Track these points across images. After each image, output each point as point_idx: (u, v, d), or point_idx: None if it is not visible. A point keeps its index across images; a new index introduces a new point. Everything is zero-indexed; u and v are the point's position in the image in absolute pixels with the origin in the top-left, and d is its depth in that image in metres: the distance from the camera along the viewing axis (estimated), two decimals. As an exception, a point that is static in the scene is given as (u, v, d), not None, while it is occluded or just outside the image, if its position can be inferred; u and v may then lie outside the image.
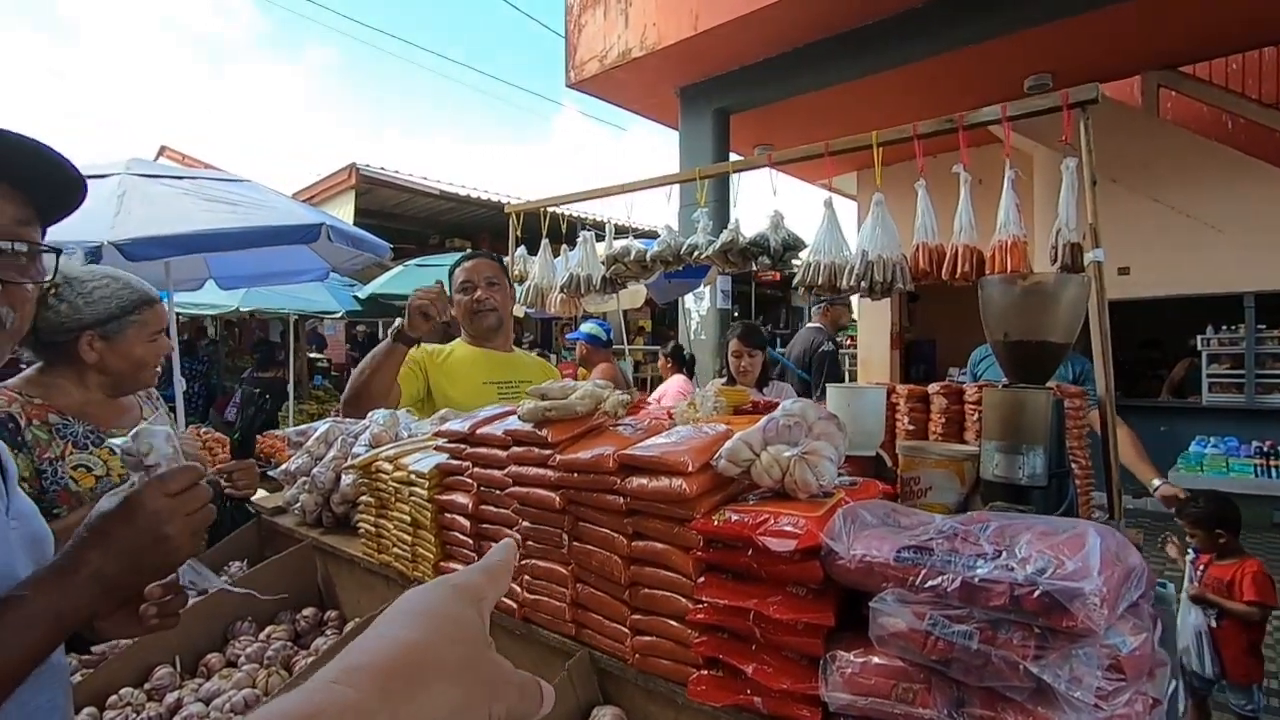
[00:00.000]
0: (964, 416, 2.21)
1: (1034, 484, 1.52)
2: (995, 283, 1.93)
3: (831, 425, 0.88)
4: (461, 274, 2.16)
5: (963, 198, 2.26)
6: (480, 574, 0.41)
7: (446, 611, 0.37)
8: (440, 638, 0.35)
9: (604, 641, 0.95)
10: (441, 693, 0.34)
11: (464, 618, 0.37)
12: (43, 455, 1.39)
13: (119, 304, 1.49)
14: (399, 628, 0.36)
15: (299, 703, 0.31)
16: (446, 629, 0.36)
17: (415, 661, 0.34)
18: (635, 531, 0.91)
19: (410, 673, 0.34)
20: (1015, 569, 0.62)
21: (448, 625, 0.36)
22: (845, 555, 0.72)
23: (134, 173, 3.78)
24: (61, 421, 1.46)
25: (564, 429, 1.00)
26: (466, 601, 0.38)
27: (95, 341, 1.47)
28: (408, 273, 8.04)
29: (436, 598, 0.38)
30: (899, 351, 9.71)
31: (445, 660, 0.35)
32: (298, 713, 0.31)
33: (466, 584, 0.40)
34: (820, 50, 5.87)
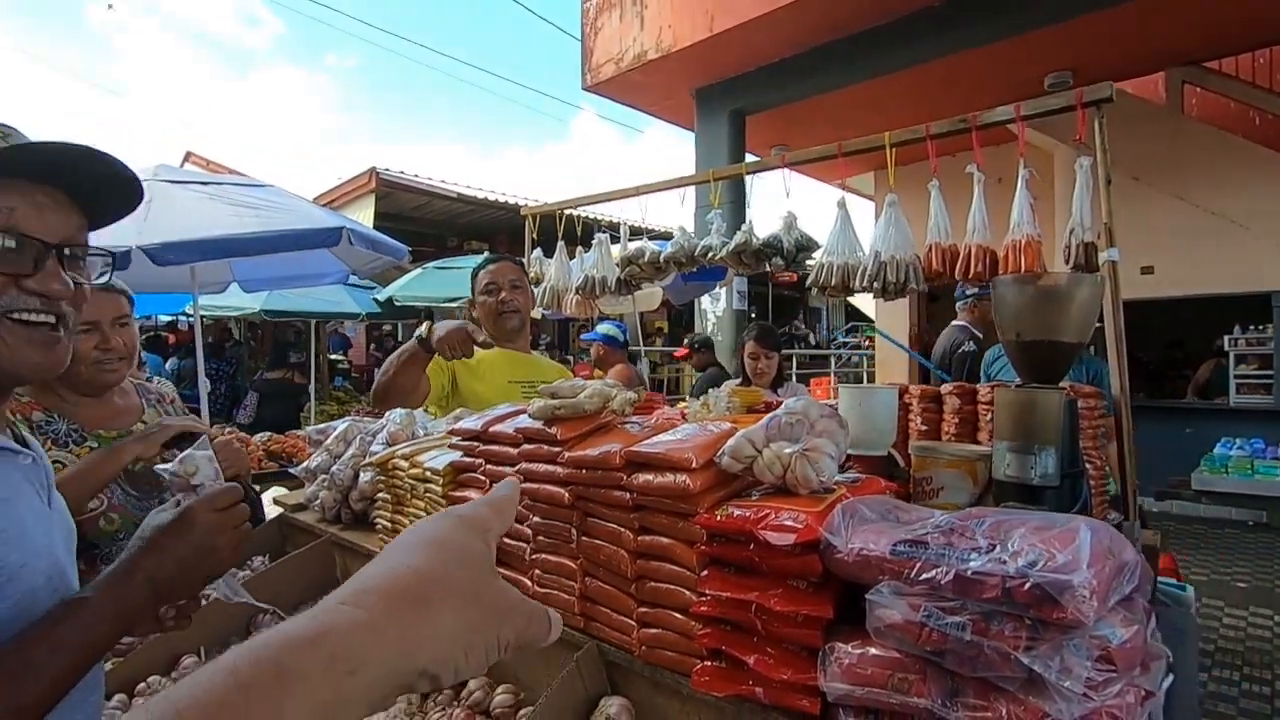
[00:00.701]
0: (977, 417, 2.20)
1: (1046, 484, 1.52)
2: (1008, 283, 1.93)
3: (833, 423, 0.90)
4: (486, 276, 2.21)
5: (976, 197, 2.25)
6: (485, 507, 0.42)
7: (453, 540, 0.38)
8: (447, 565, 0.36)
9: (611, 634, 0.98)
10: (449, 615, 0.35)
11: (470, 546, 0.38)
12: None
13: None
14: (407, 555, 0.37)
15: (308, 624, 0.32)
16: (453, 557, 0.37)
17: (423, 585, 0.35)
18: (641, 526, 0.93)
19: (418, 595, 0.34)
20: (1007, 562, 0.64)
21: (454, 553, 0.37)
22: (843, 549, 0.74)
23: (161, 179, 3.88)
24: (45, 419, 1.46)
25: (573, 427, 1.03)
26: (472, 532, 0.39)
27: None
28: (426, 275, 8.13)
29: (443, 527, 0.39)
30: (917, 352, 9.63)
31: (453, 585, 0.36)
32: (308, 633, 0.31)
33: (472, 515, 0.41)
34: (836, 50, 5.86)
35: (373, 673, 0.32)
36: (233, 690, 0.28)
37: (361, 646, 0.32)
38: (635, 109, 7.50)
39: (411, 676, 0.34)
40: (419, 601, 0.34)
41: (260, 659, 0.30)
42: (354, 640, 0.32)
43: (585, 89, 7.03)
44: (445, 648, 0.35)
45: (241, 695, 0.28)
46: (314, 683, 0.30)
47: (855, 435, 1.64)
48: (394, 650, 0.33)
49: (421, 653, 0.34)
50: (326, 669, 0.31)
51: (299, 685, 0.30)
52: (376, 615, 0.33)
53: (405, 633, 0.33)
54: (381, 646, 0.33)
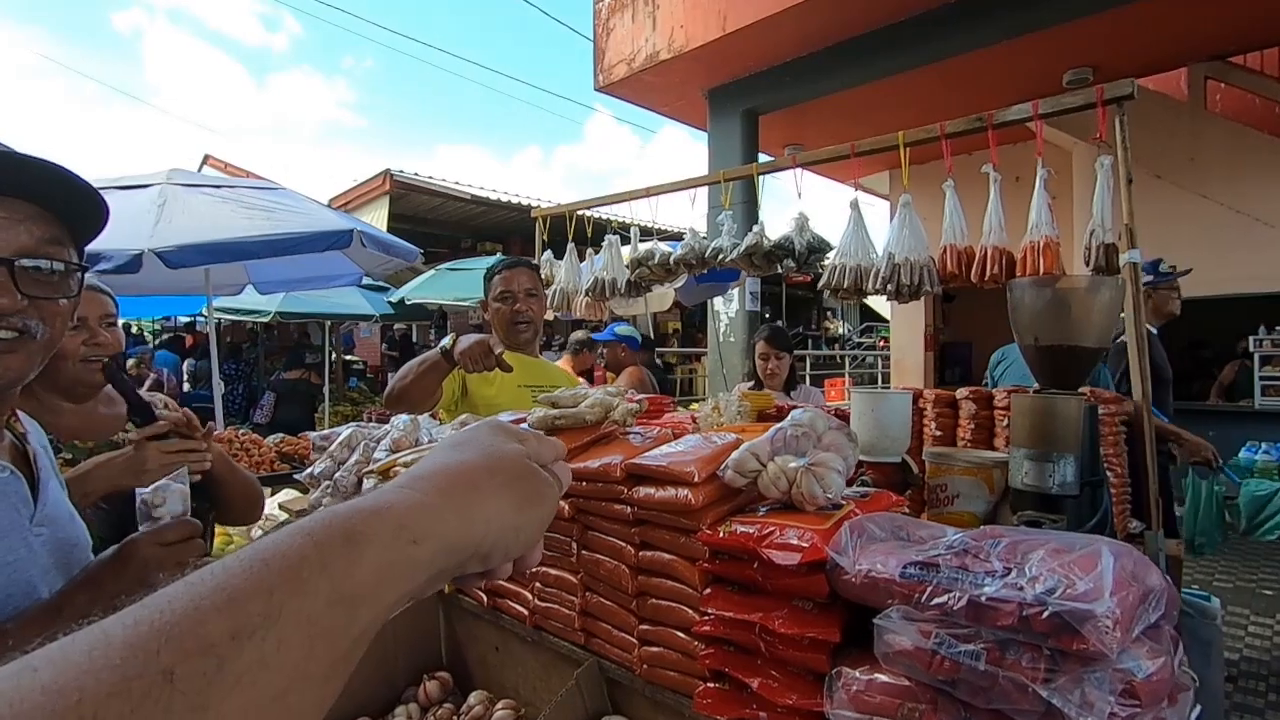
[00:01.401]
0: (994, 422, 2.15)
1: (1065, 493, 1.47)
2: (1025, 285, 1.88)
3: (841, 436, 0.86)
4: (500, 283, 2.15)
5: (992, 198, 2.20)
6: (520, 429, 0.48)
7: (493, 440, 0.43)
8: (490, 458, 0.41)
9: (612, 651, 0.95)
10: (497, 499, 0.40)
11: (508, 446, 0.43)
12: None
13: None
14: (455, 452, 0.42)
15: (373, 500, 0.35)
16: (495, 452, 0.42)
17: (473, 473, 0.40)
18: (643, 541, 0.90)
19: (469, 481, 0.39)
20: (1024, 588, 0.60)
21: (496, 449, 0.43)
22: (850, 570, 0.70)
23: (174, 182, 3.90)
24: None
25: (573, 437, 1.00)
26: (509, 435, 0.45)
27: None
28: (439, 277, 8.15)
29: (483, 431, 0.45)
30: (933, 354, 9.52)
31: (498, 474, 0.41)
32: (374, 505, 0.34)
33: (506, 424, 0.47)
34: (851, 48, 5.79)
35: (434, 545, 0.35)
36: (309, 547, 0.31)
37: (422, 521, 0.35)
38: (648, 109, 7.46)
39: (467, 553, 0.38)
40: (470, 487, 0.39)
41: (331, 524, 0.32)
42: (416, 515, 0.35)
43: (597, 90, 7.00)
44: (495, 528, 0.39)
45: (316, 552, 0.31)
46: (381, 545, 0.33)
47: (868, 441, 1.60)
48: (452, 527, 0.37)
49: (475, 530, 0.38)
50: (394, 535, 0.34)
51: (368, 547, 0.32)
52: (434, 497, 0.37)
53: (461, 513, 0.37)
54: (440, 523, 0.36)
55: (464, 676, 1.21)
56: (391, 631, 1.17)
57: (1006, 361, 3.50)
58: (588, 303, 3.39)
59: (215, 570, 0.30)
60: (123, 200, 3.73)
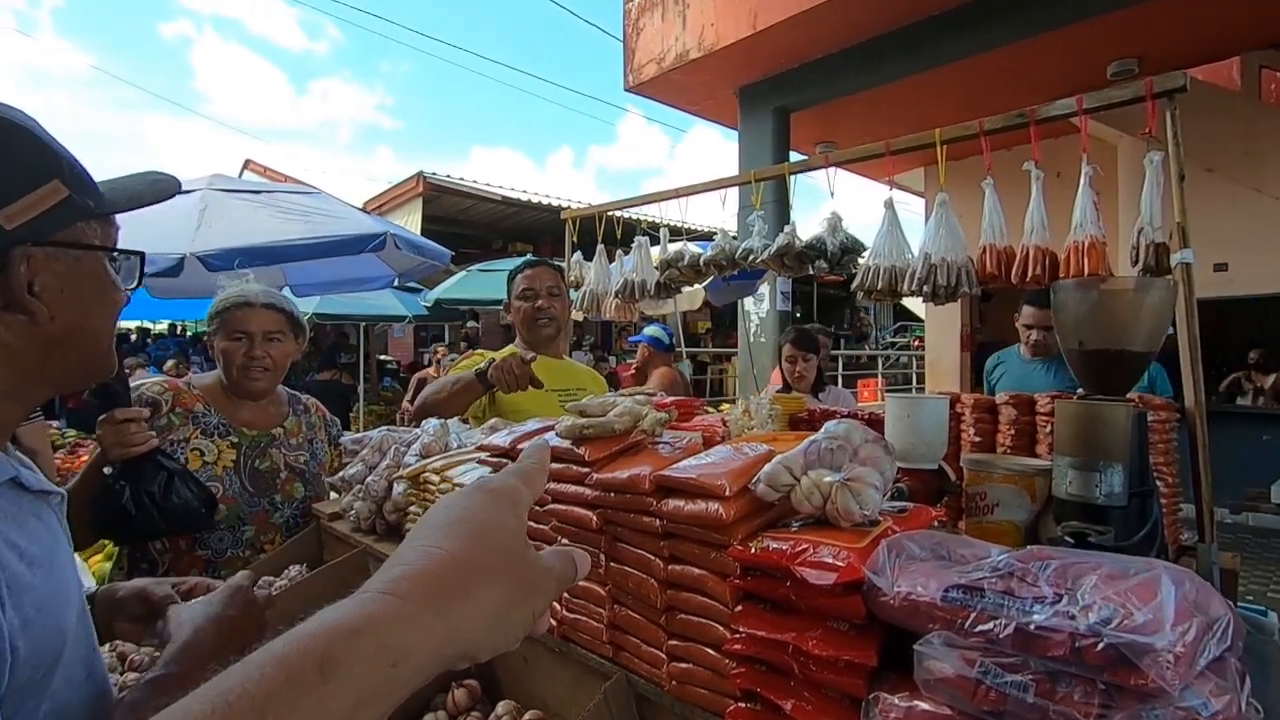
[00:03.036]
0: (1035, 428, 2.07)
1: (1112, 504, 1.41)
2: (1069, 287, 1.81)
3: (878, 449, 0.83)
4: (523, 281, 2.19)
5: (1034, 196, 2.13)
6: (515, 477, 0.43)
7: (485, 520, 0.39)
8: (481, 546, 0.37)
9: (641, 665, 0.93)
10: (487, 601, 0.36)
11: (503, 524, 0.39)
12: (170, 437, 1.61)
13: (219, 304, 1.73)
14: (440, 539, 0.38)
15: (354, 614, 0.33)
16: (487, 537, 0.38)
17: (461, 572, 0.36)
18: (671, 555, 0.88)
19: (456, 582, 0.36)
20: (1077, 617, 0.57)
21: (488, 533, 0.38)
22: (889, 591, 0.67)
23: (215, 188, 4.00)
24: (203, 409, 1.69)
25: (601, 447, 0.98)
26: (503, 506, 0.40)
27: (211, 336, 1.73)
28: (470, 278, 8.24)
29: (475, 505, 0.40)
30: (969, 354, 9.31)
31: (489, 569, 0.37)
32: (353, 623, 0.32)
33: (502, 488, 0.42)
34: (885, 43, 5.68)
35: (415, 662, 0.33)
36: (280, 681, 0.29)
37: (404, 638, 0.33)
38: (678, 109, 7.43)
39: (451, 660, 0.36)
40: (458, 589, 0.35)
41: (308, 650, 0.31)
42: (397, 632, 0.33)
43: (627, 90, 7.00)
44: (483, 632, 0.37)
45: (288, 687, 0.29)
46: (360, 670, 0.31)
47: (904, 448, 1.56)
48: (436, 640, 0.34)
49: (460, 638, 0.35)
50: (373, 659, 0.32)
51: (345, 675, 0.31)
52: (418, 606, 0.34)
53: (446, 622, 0.35)
54: (424, 638, 0.34)
55: (492, 685, 1.20)
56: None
57: (1004, 366, 3.40)
58: (617, 304, 3.38)
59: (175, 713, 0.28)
60: (167, 205, 3.83)
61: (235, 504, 1.65)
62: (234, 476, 1.67)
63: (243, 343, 1.70)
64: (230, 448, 1.70)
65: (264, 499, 1.70)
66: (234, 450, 1.70)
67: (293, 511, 1.75)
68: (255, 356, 1.71)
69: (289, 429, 1.82)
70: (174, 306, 6.24)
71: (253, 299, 1.74)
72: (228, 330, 1.70)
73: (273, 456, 1.75)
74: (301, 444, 1.83)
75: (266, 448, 1.75)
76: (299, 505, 1.76)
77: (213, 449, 1.67)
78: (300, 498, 1.77)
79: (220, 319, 1.71)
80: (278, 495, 1.72)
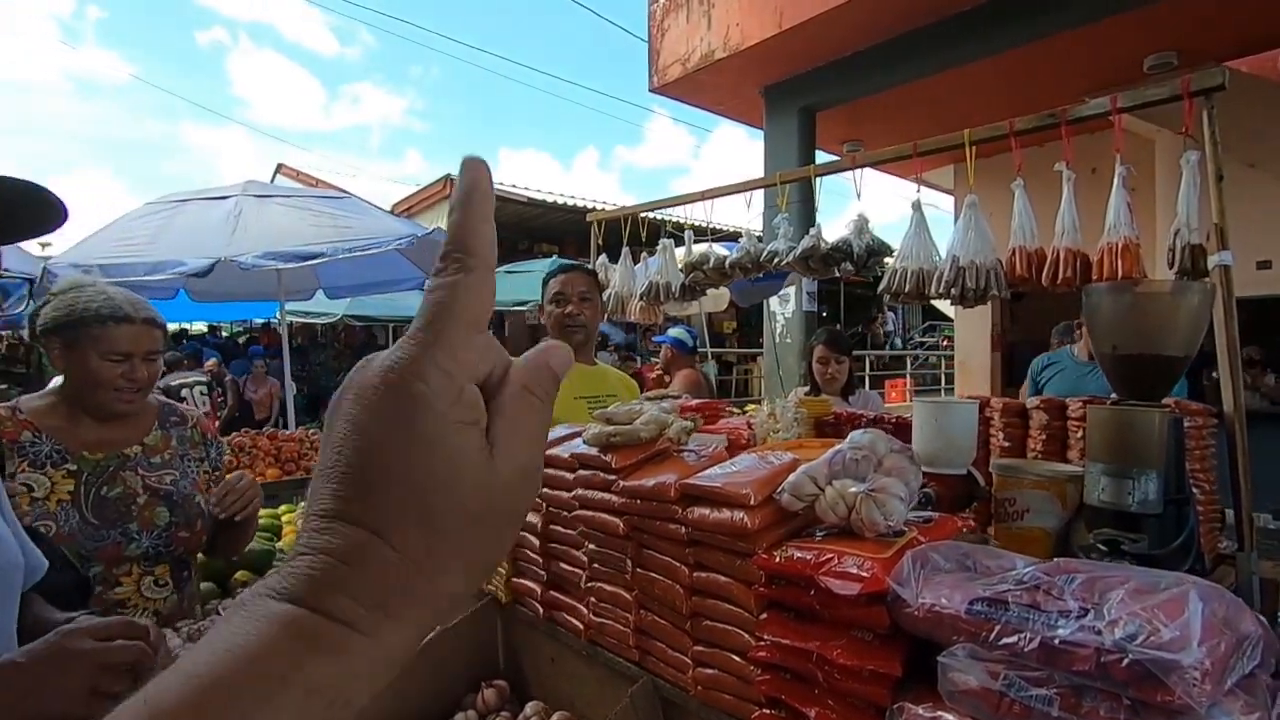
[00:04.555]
0: (1067, 433, 2.04)
1: (1146, 511, 1.39)
2: (1102, 291, 1.78)
3: (903, 459, 0.84)
4: (556, 285, 2.19)
5: (1065, 197, 2.09)
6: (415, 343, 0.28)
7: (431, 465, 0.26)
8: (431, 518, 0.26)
9: (667, 670, 0.95)
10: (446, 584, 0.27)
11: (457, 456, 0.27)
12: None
13: (73, 314, 1.44)
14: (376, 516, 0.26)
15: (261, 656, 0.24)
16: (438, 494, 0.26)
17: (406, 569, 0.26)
18: (697, 562, 0.90)
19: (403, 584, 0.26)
20: (1102, 632, 0.57)
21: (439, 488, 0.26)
22: (913, 603, 0.68)
23: (249, 194, 4.11)
24: (32, 438, 1.44)
25: (628, 454, 1.00)
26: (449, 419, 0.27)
27: (60, 349, 1.45)
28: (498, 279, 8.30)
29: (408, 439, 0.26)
30: (1000, 355, 9.14)
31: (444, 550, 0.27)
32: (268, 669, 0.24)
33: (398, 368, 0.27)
34: (913, 40, 5.61)
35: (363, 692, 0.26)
36: None
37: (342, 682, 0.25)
38: (702, 109, 7.42)
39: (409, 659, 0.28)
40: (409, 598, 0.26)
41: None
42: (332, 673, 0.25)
43: (652, 91, 7.00)
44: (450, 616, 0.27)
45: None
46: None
47: (932, 452, 1.55)
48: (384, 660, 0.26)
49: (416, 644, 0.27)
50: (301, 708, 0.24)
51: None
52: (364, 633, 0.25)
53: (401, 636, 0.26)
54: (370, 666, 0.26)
55: (521, 685, 1.23)
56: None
57: (1054, 367, 3.32)
58: (642, 306, 3.40)
59: None
60: (204, 211, 3.95)
61: (73, 541, 1.39)
62: (70, 511, 1.42)
63: (120, 364, 1.46)
64: (67, 477, 1.45)
65: (114, 530, 1.45)
66: (71, 479, 1.45)
67: (154, 541, 1.49)
68: (136, 379, 1.48)
69: (151, 445, 1.57)
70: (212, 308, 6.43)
71: (131, 313, 1.47)
72: (99, 348, 1.44)
73: (126, 480, 1.50)
74: (168, 461, 1.57)
75: (117, 471, 1.49)
76: (162, 534, 1.49)
77: (44, 482, 1.42)
78: (164, 524, 1.50)
79: (80, 331, 1.43)
80: (132, 524, 1.46)
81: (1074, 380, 3.12)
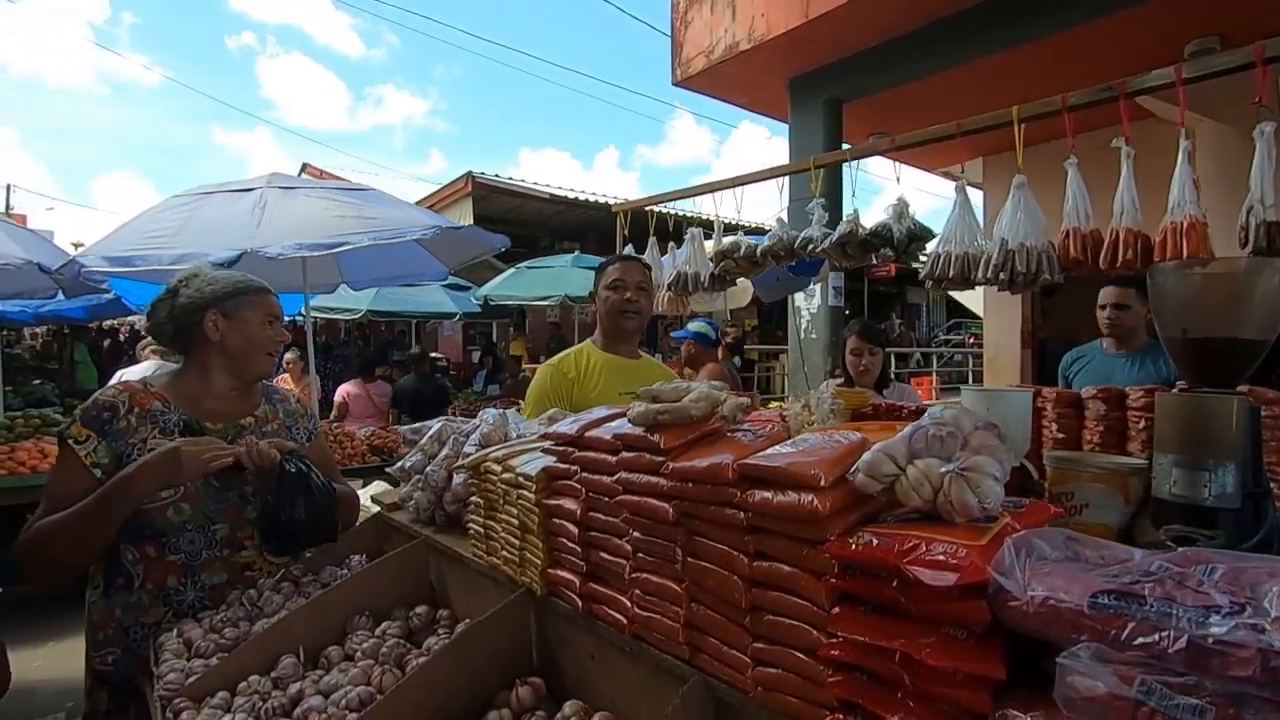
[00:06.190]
0: (1126, 424, 1.93)
1: (1223, 505, 1.29)
2: (1170, 271, 1.68)
3: (991, 437, 0.75)
4: (614, 272, 2.20)
5: (1124, 174, 1.98)
6: None
7: None
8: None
9: (721, 668, 0.87)
10: None
11: None
12: (129, 440, 1.55)
13: (237, 286, 1.68)
14: None
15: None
16: None
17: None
18: (757, 551, 0.82)
19: None
20: (1268, 630, 0.48)
21: None
22: (1022, 596, 0.59)
23: (274, 186, 4.09)
24: (161, 408, 1.60)
25: (677, 434, 0.92)
26: None
27: (218, 319, 1.64)
28: (519, 275, 8.29)
29: None
30: (1031, 351, 8.91)
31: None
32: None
33: None
34: (943, 28, 5.46)
35: None
36: None
37: None
38: (726, 102, 7.32)
39: None
40: None
41: None
42: None
43: (675, 84, 6.92)
44: None
45: None
46: None
47: (987, 444, 1.45)
48: None
49: None
50: None
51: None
52: None
53: None
54: None
55: (557, 683, 1.15)
56: (485, 631, 1.13)
57: (1084, 360, 3.21)
58: (670, 297, 3.32)
59: None
60: (229, 204, 3.94)
61: (200, 501, 1.56)
62: None
63: (273, 328, 1.70)
64: None
65: (232, 491, 1.61)
66: None
67: None
68: (283, 339, 1.74)
69: (261, 417, 1.74)
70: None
71: (264, 284, 1.73)
72: (257, 314, 1.67)
73: None
74: (277, 431, 1.74)
75: (234, 440, 1.64)
76: None
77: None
78: None
79: (241, 299, 1.66)
80: (248, 487, 1.62)
81: (1101, 371, 3.01)
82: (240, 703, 1.17)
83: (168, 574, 1.54)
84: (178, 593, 1.55)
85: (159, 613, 1.53)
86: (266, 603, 1.47)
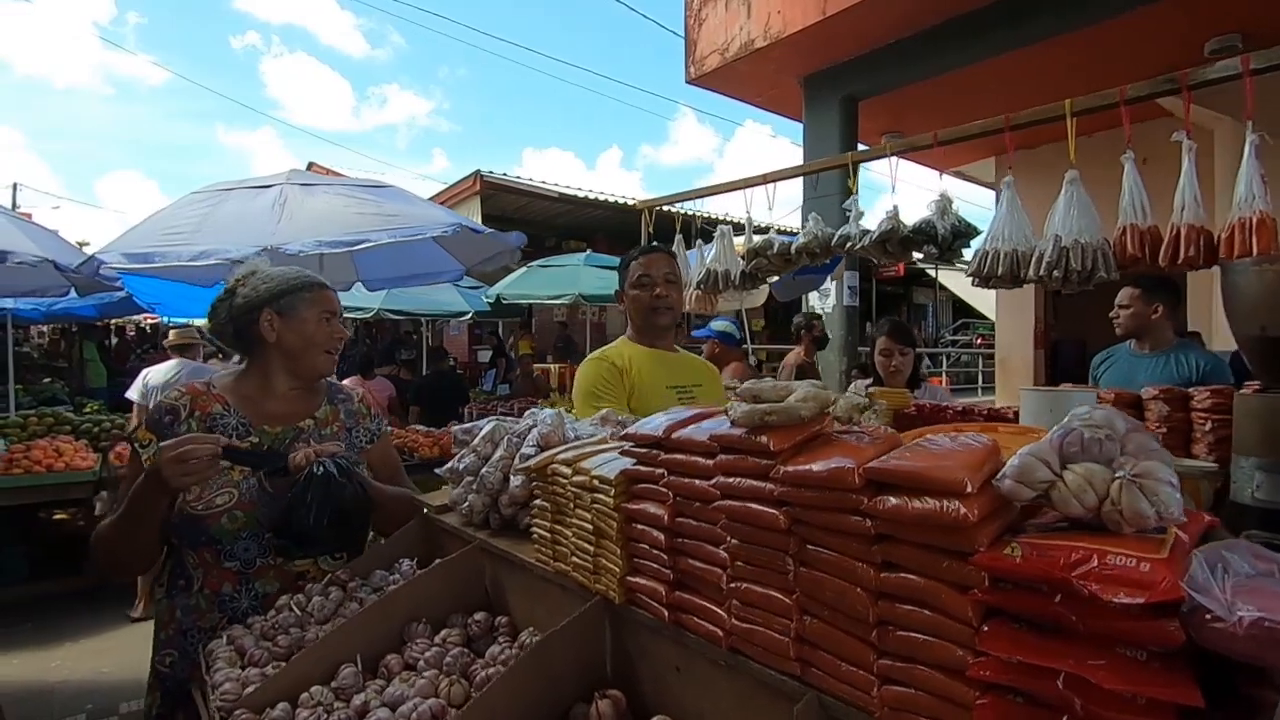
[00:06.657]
0: (1191, 426, 1.88)
1: (1313, 511, 1.24)
2: (1244, 268, 1.63)
3: (1149, 439, 0.70)
4: (639, 268, 2.08)
5: (1185, 170, 1.93)
6: None
7: None
8: None
9: (839, 686, 0.82)
10: None
11: None
12: None
13: (291, 283, 1.64)
14: None
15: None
16: None
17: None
18: (885, 561, 0.76)
19: None
20: None
21: None
22: (1227, 617, 0.54)
23: (293, 182, 4.04)
24: (221, 411, 1.58)
25: (785, 436, 0.87)
26: None
27: (273, 318, 1.60)
28: (530, 274, 8.25)
29: None
30: (1043, 351, 8.87)
31: None
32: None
33: None
34: (962, 25, 5.41)
35: None
36: None
37: None
38: (739, 100, 7.28)
39: None
40: None
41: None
42: None
43: (689, 82, 6.87)
44: None
45: None
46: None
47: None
48: None
49: None
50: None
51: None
52: None
53: None
54: None
55: (634, 696, 1.10)
56: (561, 641, 1.08)
57: (1112, 360, 3.18)
58: (698, 295, 3.27)
59: None
60: (248, 200, 3.89)
61: (253, 509, 1.53)
62: (250, 479, 1.55)
63: (330, 324, 1.66)
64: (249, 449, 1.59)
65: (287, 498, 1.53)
66: None
67: None
68: (341, 336, 1.70)
69: (321, 419, 1.71)
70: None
71: (320, 279, 1.69)
72: (314, 310, 1.63)
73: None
74: (336, 434, 1.71)
75: (292, 443, 1.61)
76: None
77: None
78: None
79: (296, 296, 1.62)
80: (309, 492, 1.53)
81: (1125, 372, 2.98)
82: (303, 715, 1.12)
83: (224, 581, 1.52)
84: (232, 599, 1.52)
85: (214, 618, 1.50)
86: (316, 608, 1.42)
